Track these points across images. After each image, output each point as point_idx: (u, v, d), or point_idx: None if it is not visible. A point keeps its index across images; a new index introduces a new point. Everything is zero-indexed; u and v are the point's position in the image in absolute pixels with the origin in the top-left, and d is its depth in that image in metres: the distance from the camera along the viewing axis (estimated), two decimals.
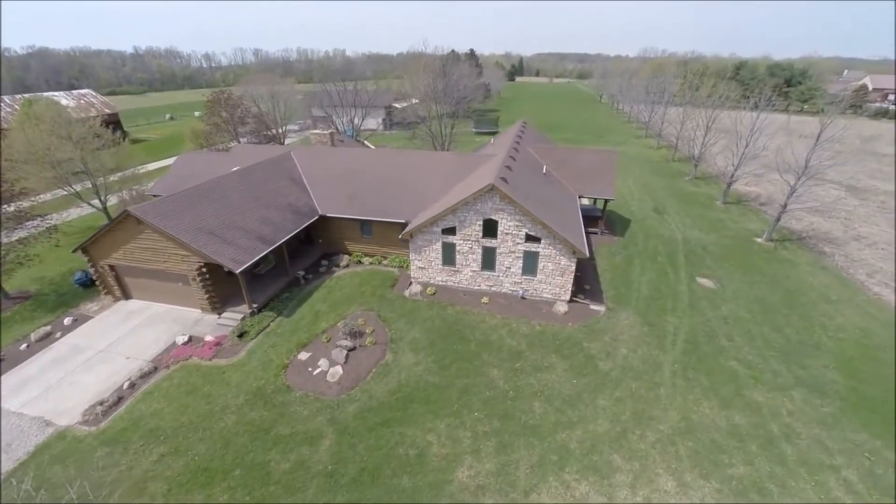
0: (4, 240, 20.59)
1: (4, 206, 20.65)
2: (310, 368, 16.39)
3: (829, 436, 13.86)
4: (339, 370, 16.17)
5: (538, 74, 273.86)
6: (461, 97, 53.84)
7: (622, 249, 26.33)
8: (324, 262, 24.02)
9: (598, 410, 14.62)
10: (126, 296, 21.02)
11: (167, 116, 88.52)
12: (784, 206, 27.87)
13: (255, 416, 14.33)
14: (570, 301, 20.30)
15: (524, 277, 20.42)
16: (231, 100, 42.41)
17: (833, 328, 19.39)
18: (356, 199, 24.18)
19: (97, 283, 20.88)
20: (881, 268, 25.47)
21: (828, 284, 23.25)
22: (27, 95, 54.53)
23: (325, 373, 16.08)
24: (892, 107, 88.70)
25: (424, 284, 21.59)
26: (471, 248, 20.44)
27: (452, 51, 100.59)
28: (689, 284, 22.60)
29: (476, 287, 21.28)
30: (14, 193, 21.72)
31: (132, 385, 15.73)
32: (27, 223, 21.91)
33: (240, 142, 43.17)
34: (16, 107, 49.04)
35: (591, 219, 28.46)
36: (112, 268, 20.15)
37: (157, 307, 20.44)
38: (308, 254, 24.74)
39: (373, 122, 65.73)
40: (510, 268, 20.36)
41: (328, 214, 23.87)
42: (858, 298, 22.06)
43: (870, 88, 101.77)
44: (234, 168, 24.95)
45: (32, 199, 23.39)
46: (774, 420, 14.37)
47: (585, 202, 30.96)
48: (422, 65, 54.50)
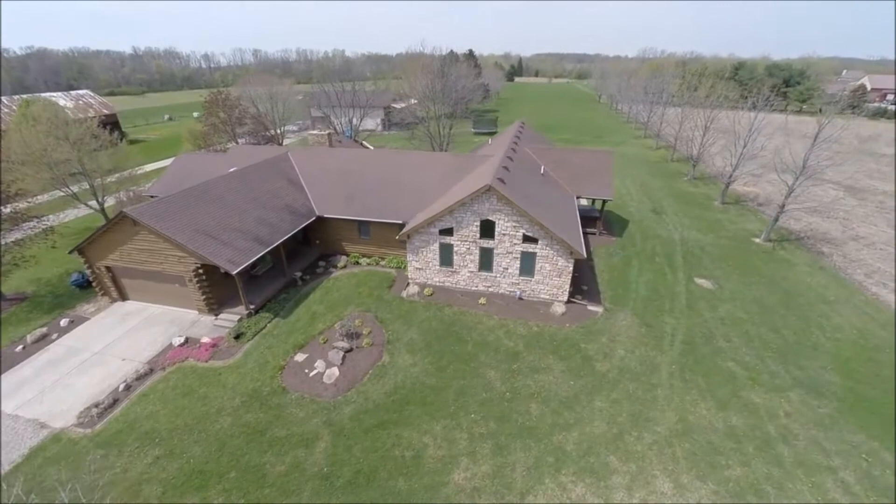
0: (1, 241, 20.53)
1: (1, 208, 20.58)
2: (306, 370, 16.34)
3: (827, 437, 13.82)
4: (336, 372, 16.12)
5: (537, 75, 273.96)
6: (459, 97, 53.83)
7: (620, 250, 26.30)
8: (321, 263, 23.97)
9: (595, 412, 14.58)
10: (123, 297, 20.97)
11: (166, 117, 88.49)
12: (782, 207, 27.85)
13: (251, 418, 14.28)
14: (568, 302, 20.26)
15: (522, 278, 20.38)
16: (229, 100, 42.36)
17: (831, 329, 19.36)
18: (354, 200, 24.13)
19: (94, 285, 20.83)
20: (879, 268, 25.44)
21: (826, 285, 23.23)
22: (25, 96, 54.42)
23: (322, 374, 16.03)
24: (892, 107, 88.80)
25: (422, 285, 21.55)
26: (468, 249, 20.40)
27: (451, 51, 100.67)
28: (687, 285, 22.57)
29: (473, 288, 21.24)
30: (10, 195, 21.64)
31: (128, 387, 15.66)
32: (23, 224, 21.84)
33: (238, 142, 43.10)
34: (13, 107, 48.92)
35: (590, 219, 28.44)
36: (109, 269, 20.09)
37: (154, 308, 20.38)
38: (305, 255, 24.69)
39: (371, 123, 65.73)
40: (508, 269, 20.32)
41: (325, 215, 23.82)
42: (856, 299, 22.03)
43: (868, 88, 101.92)
44: (232, 169, 24.90)
45: (29, 201, 23.29)
46: (771, 421, 14.33)
47: (584, 203, 30.95)
48: (420, 65, 54.46)
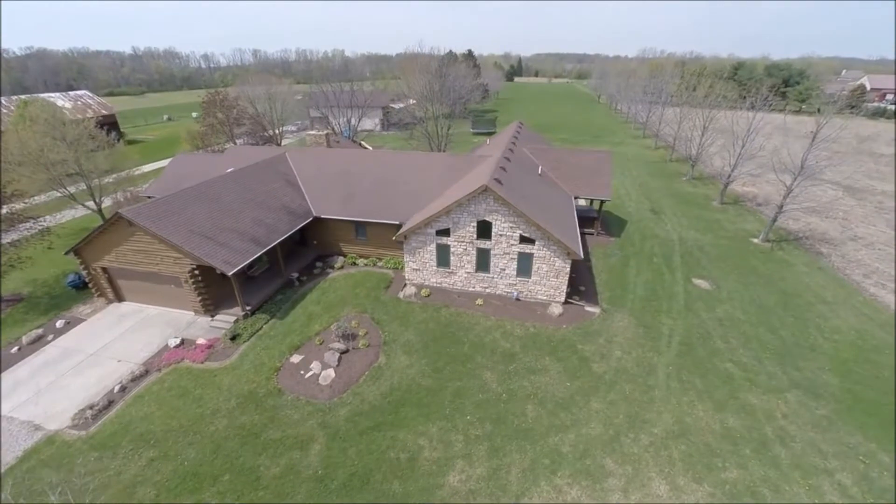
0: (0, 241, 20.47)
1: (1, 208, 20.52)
2: (302, 371, 16.28)
3: (824, 439, 13.76)
4: (332, 373, 16.06)
5: (537, 75, 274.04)
6: (457, 97, 53.77)
7: (618, 250, 26.25)
8: (318, 264, 23.90)
9: (592, 413, 14.52)
10: (119, 298, 20.90)
11: (165, 117, 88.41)
12: (780, 207, 27.79)
13: (246, 420, 14.22)
14: (565, 303, 20.20)
15: (519, 279, 20.32)
16: (226, 101, 42.31)
17: (829, 329, 19.30)
18: (351, 201, 24.08)
19: (90, 286, 20.77)
20: (878, 268, 25.37)
21: (824, 285, 23.16)
22: (24, 97, 54.36)
23: (318, 376, 15.97)
24: (891, 106, 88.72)
25: (419, 286, 21.49)
26: (465, 250, 20.34)
27: (450, 51, 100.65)
28: (685, 285, 22.51)
29: (471, 289, 21.18)
30: (7, 196, 21.58)
31: (123, 388, 15.60)
32: (20, 226, 21.78)
33: (236, 143, 43.06)
34: (11, 108, 48.85)
35: (588, 219, 28.37)
36: (105, 270, 20.03)
37: (150, 309, 20.32)
38: (302, 255, 24.64)
39: (370, 123, 65.66)
40: (505, 269, 20.26)
41: (323, 216, 23.76)
42: (854, 299, 21.96)
43: (868, 88, 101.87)
44: (229, 169, 24.84)
45: (26, 202, 23.24)
46: (769, 423, 14.27)
47: (582, 203, 30.89)
48: (418, 65, 54.40)
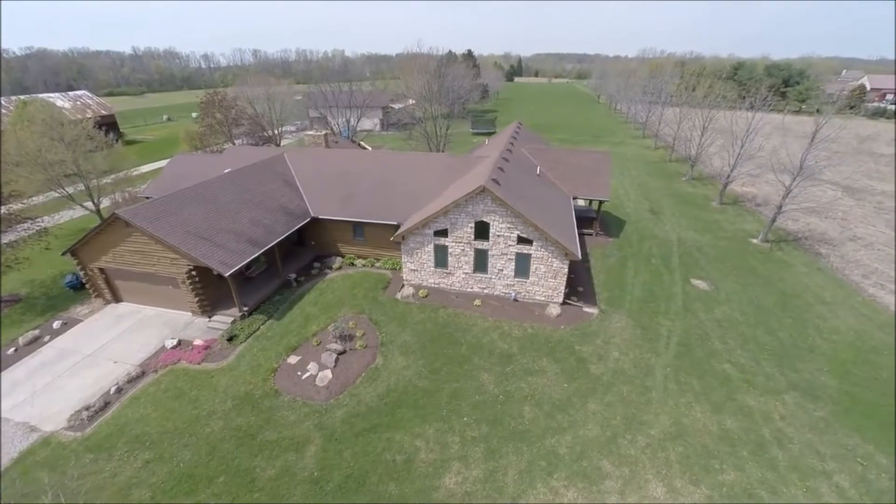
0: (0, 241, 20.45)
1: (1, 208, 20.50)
2: (299, 372, 16.24)
3: (822, 440, 13.71)
4: (329, 374, 16.02)
5: (537, 75, 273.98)
6: (456, 98, 53.71)
7: (616, 251, 26.20)
8: (316, 265, 23.85)
9: (589, 415, 14.47)
10: (116, 299, 20.87)
11: (165, 117, 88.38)
12: (779, 207, 27.74)
13: (242, 422, 14.18)
14: (563, 303, 20.15)
15: (516, 280, 20.28)
16: (225, 101, 42.27)
17: (827, 330, 19.25)
18: (349, 201, 24.03)
19: (87, 287, 20.73)
20: (877, 269, 25.32)
21: (823, 286, 23.11)
22: (23, 97, 54.32)
23: (314, 377, 15.93)
24: (891, 106, 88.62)
25: (417, 287, 21.45)
26: (463, 251, 20.30)
27: (449, 51, 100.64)
28: (684, 286, 22.46)
29: (468, 289, 21.14)
30: (4, 196, 21.55)
31: (119, 390, 15.57)
32: (17, 226, 21.75)
33: (234, 143, 43.02)
34: (11, 108, 48.82)
35: (586, 220, 28.34)
36: (102, 271, 20.00)
37: (148, 310, 20.29)
38: (300, 256, 24.60)
39: (369, 123, 65.64)
40: (502, 270, 20.22)
41: (321, 216, 23.71)
42: (853, 300, 21.91)
43: (868, 88, 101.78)
44: (226, 170, 24.81)
45: (23, 202, 23.21)
46: (766, 424, 14.22)
47: (581, 203, 30.85)
48: (417, 66, 54.36)
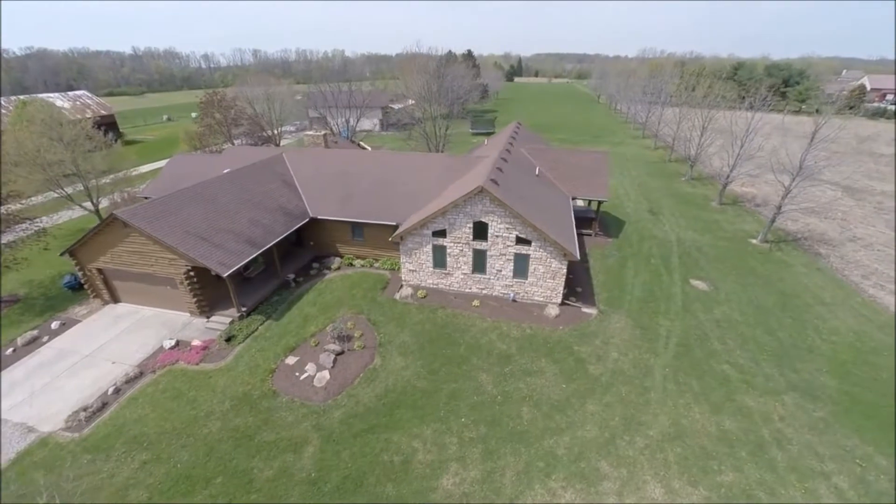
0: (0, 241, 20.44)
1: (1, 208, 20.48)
2: (297, 373, 16.21)
3: (821, 441, 13.68)
4: (327, 375, 16.00)
5: (537, 75, 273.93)
6: (456, 98, 53.69)
7: (616, 251, 26.16)
8: (315, 265, 23.83)
9: (587, 416, 14.44)
10: (115, 299, 20.85)
11: (164, 117, 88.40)
12: (779, 208, 27.70)
13: (240, 423, 14.15)
14: (562, 304, 20.12)
15: (515, 280, 20.25)
16: (224, 101, 42.25)
17: (827, 331, 19.21)
18: (348, 201, 24.01)
19: (85, 287, 20.71)
20: (877, 269, 25.28)
21: (822, 286, 23.07)
22: (23, 97, 54.27)
23: (312, 377, 15.90)
24: (891, 107, 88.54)
25: (415, 287, 21.43)
26: (461, 251, 20.27)
27: (449, 51, 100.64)
28: (683, 286, 22.43)
29: (467, 290, 21.11)
30: (3, 197, 21.53)
31: (117, 390, 15.55)
32: (16, 226, 21.73)
33: (234, 143, 43.00)
34: (10, 108, 48.80)
35: (586, 220, 28.32)
36: (100, 271, 19.98)
37: (146, 311, 20.27)
38: (299, 256, 24.58)
39: (369, 123, 65.62)
40: (501, 271, 20.19)
41: (319, 217, 23.68)
42: (853, 301, 21.87)
43: (868, 88, 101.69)
44: (225, 170, 24.79)
45: (22, 203, 23.19)
46: (765, 425, 14.19)
47: (580, 203, 30.82)
48: (416, 66, 54.34)
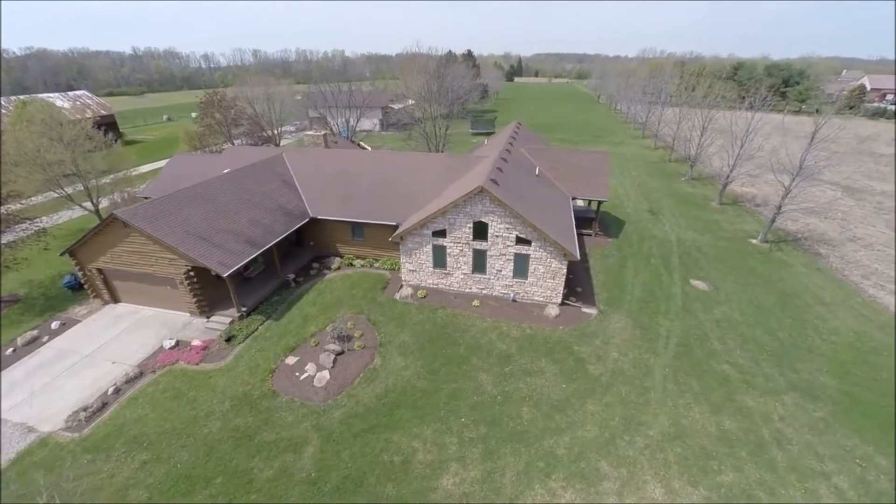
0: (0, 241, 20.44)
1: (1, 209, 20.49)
2: (297, 373, 16.22)
3: (821, 441, 13.68)
4: (327, 375, 16.00)
5: (537, 75, 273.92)
6: (455, 98, 53.67)
7: (616, 251, 26.16)
8: (315, 265, 23.84)
9: (587, 416, 14.44)
10: (115, 299, 20.85)
11: (165, 117, 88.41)
12: (779, 208, 27.70)
13: (240, 423, 14.15)
14: (562, 304, 20.12)
15: (515, 280, 20.25)
16: (224, 101, 42.26)
17: (827, 331, 19.21)
18: (348, 201, 24.01)
19: (85, 287, 20.71)
20: (877, 269, 25.28)
21: (822, 286, 23.07)
22: (23, 97, 54.25)
23: (312, 377, 15.90)
24: (891, 107, 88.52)
25: (415, 287, 21.43)
26: (461, 251, 20.27)
27: (449, 51, 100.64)
28: (683, 286, 22.42)
29: (467, 290, 21.11)
30: (3, 197, 21.54)
31: (117, 390, 15.55)
32: (16, 226, 21.74)
33: (234, 143, 43.01)
34: (10, 108, 48.80)
35: (586, 220, 28.32)
36: (100, 271, 19.98)
37: (146, 311, 20.27)
38: (299, 256, 24.58)
39: (368, 123, 65.61)
40: (501, 271, 20.19)
41: (319, 217, 23.68)
42: (853, 301, 21.87)
43: (868, 88, 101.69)
44: (225, 170, 24.79)
45: (22, 203, 23.19)
46: (765, 425, 14.19)
47: (580, 203, 30.82)
48: (416, 66, 54.33)
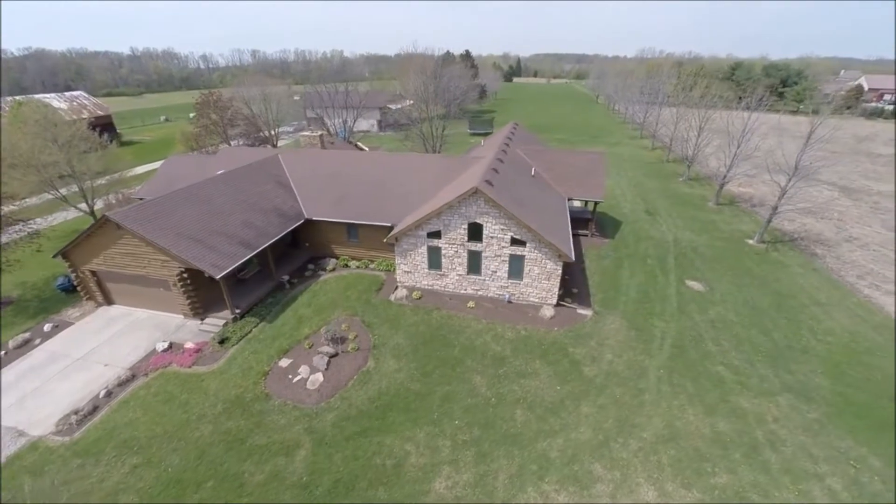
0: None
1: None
2: (290, 375, 16.13)
3: (815, 443, 13.64)
4: (320, 377, 15.92)
5: (536, 75, 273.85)
6: (452, 98, 53.59)
7: (612, 252, 26.11)
8: (310, 266, 23.76)
9: (581, 418, 14.38)
10: (108, 301, 20.74)
11: (162, 118, 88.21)
12: (775, 208, 27.68)
13: (232, 426, 14.07)
14: (557, 305, 20.06)
15: (510, 281, 20.19)
16: (220, 102, 42.14)
17: (822, 331, 19.18)
18: (343, 202, 23.93)
19: (79, 289, 20.60)
20: (872, 269, 25.26)
21: (818, 287, 23.05)
22: (19, 97, 54.04)
23: (305, 380, 15.82)
24: (889, 106, 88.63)
25: (410, 288, 21.36)
26: (456, 252, 20.20)
27: (447, 52, 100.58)
28: (678, 287, 22.38)
29: (462, 291, 21.04)
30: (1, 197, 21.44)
31: (109, 394, 15.45)
32: (9, 228, 21.63)
33: (230, 144, 42.89)
34: (6, 109, 48.61)
35: (582, 221, 28.26)
36: (93, 273, 19.88)
37: (139, 313, 20.17)
38: (294, 257, 24.48)
39: (366, 124, 65.48)
40: (496, 272, 20.13)
41: (314, 218, 23.60)
42: (848, 301, 21.85)
43: (865, 88, 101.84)
44: (220, 171, 24.70)
45: (15, 204, 23.07)
46: (759, 427, 14.14)
47: (577, 204, 30.76)
48: (413, 66, 54.26)
